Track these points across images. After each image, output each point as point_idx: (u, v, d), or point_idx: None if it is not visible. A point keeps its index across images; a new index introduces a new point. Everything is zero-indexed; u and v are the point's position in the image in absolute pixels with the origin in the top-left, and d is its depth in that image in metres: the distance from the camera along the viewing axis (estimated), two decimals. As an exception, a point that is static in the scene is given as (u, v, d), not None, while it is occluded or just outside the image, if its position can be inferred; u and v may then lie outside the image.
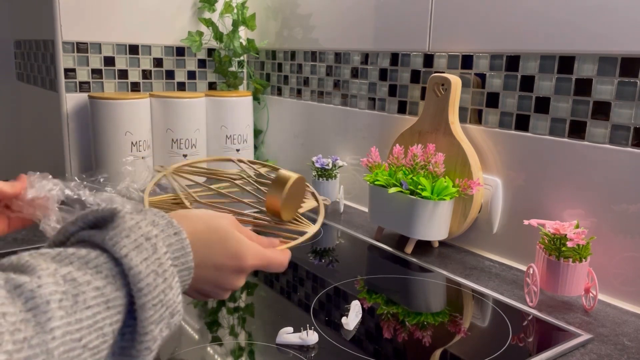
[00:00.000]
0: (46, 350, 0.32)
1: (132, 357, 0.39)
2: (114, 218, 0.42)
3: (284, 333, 0.65)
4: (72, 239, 0.42)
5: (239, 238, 0.52)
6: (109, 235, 0.39)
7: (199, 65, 1.49)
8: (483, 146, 0.96)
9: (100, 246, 0.39)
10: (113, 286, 0.38)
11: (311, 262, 0.91)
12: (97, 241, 0.40)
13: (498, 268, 0.91)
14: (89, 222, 0.42)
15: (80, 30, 1.29)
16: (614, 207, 0.79)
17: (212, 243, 0.50)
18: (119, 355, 0.39)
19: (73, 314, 0.34)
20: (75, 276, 0.36)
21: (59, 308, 0.34)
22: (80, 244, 0.41)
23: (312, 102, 1.36)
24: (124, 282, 0.38)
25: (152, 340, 0.39)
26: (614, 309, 0.77)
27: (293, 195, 0.68)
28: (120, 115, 1.25)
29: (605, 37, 0.78)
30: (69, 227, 0.42)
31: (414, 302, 0.81)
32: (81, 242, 0.41)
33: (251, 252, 0.53)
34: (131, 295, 0.39)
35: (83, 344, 0.35)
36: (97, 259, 0.38)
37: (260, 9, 1.49)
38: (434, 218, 0.91)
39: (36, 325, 0.32)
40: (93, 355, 0.36)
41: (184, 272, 0.45)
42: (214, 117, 1.39)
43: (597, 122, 0.80)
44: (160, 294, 0.40)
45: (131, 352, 0.39)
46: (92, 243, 0.40)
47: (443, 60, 1.02)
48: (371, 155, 1.01)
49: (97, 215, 0.42)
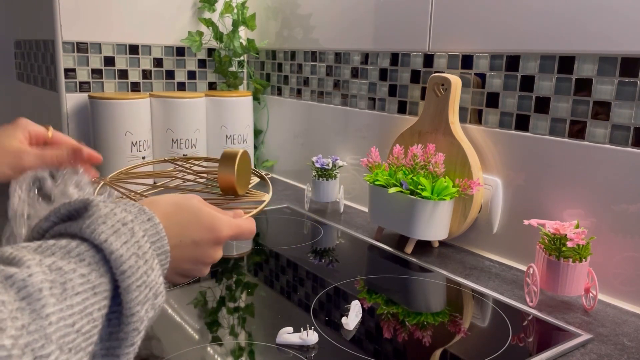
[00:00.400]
0: (44, 335, 0.33)
1: (121, 339, 0.39)
2: (88, 207, 0.42)
3: (284, 333, 0.65)
4: (47, 235, 0.42)
5: (210, 212, 0.55)
6: (85, 224, 0.40)
7: (199, 65, 1.49)
8: (483, 146, 0.96)
9: (79, 235, 0.40)
10: (97, 272, 0.38)
11: (311, 262, 0.91)
12: (74, 231, 0.40)
13: (498, 268, 0.91)
14: (62, 215, 0.43)
15: (80, 30, 1.29)
16: (614, 207, 0.79)
17: (186, 222, 0.52)
18: (106, 340, 0.39)
19: (64, 300, 0.35)
20: (60, 265, 0.36)
21: (51, 295, 0.34)
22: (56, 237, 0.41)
23: (312, 102, 1.36)
24: (107, 268, 0.39)
25: (139, 321, 0.40)
26: (614, 309, 0.77)
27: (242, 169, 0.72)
28: (120, 115, 1.25)
29: (605, 37, 0.78)
30: (43, 224, 0.43)
31: (414, 302, 0.81)
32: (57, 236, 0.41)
33: (225, 223, 0.56)
34: (115, 280, 0.39)
35: (76, 329, 0.35)
36: (78, 247, 0.39)
37: (260, 9, 1.49)
38: (434, 218, 0.91)
39: (32, 313, 0.33)
40: (86, 340, 0.36)
41: (161, 256, 0.46)
42: (214, 117, 1.39)
43: (597, 122, 0.80)
44: (143, 275, 0.41)
45: (119, 336, 0.39)
46: (70, 234, 0.40)
47: (443, 60, 1.02)
48: (371, 155, 1.01)
49: (70, 207, 0.42)
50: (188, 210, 0.53)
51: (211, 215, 0.55)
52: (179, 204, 0.53)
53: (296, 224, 1.11)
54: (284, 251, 0.95)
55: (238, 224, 0.58)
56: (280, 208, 1.20)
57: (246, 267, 0.90)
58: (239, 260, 0.93)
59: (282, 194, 1.32)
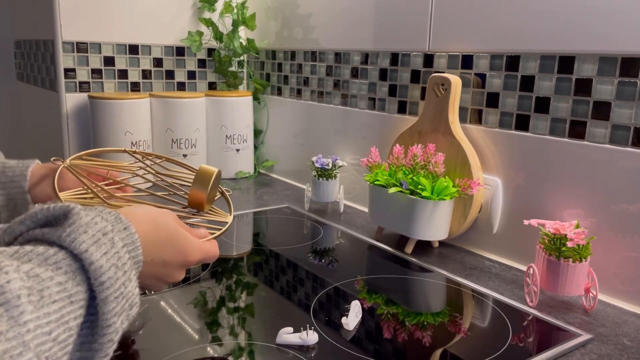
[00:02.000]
0: (22, 342, 0.33)
1: (94, 350, 0.39)
2: (68, 215, 0.42)
3: (284, 333, 0.65)
4: (20, 239, 0.42)
5: (185, 235, 0.56)
6: (66, 232, 0.40)
7: (199, 65, 1.49)
8: (483, 146, 0.96)
9: (57, 243, 0.40)
10: (74, 281, 0.38)
11: (311, 262, 0.91)
12: (52, 239, 0.40)
13: (498, 268, 0.91)
14: (39, 221, 0.42)
15: (80, 30, 1.29)
16: (614, 207, 0.79)
17: (161, 242, 0.53)
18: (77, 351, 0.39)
19: (41, 308, 0.35)
20: (38, 272, 0.36)
21: (29, 302, 0.34)
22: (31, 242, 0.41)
23: (312, 102, 1.36)
24: (84, 277, 0.39)
25: (114, 332, 0.40)
26: (614, 309, 0.77)
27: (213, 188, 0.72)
28: (120, 115, 1.25)
29: (605, 37, 0.78)
30: (17, 227, 0.42)
31: (414, 302, 0.81)
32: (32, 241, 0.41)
33: (196, 248, 0.57)
34: (92, 290, 0.39)
35: (53, 338, 0.35)
36: (55, 255, 0.39)
37: (260, 9, 1.49)
38: (434, 218, 0.91)
39: (9, 320, 0.32)
40: (62, 349, 0.36)
41: (135, 265, 0.47)
42: (214, 117, 1.39)
43: (597, 122, 0.80)
44: (120, 287, 0.41)
45: (92, 346, 0.39)
46: (47, 241, 0.40)
47: (443, 60, 1.02)
48: (371, 155, 1.01)
49: (48, 214, 0.42)
50: (165, 230, 0.54)
51: (185, 239, 0.56)
52: (157, 222, 0.53)
53: (296, 224, 1.11)
54: (284, 251, 0.95)
55: (206, 248, 0.59)
56: (280, 208, 1.20)
57: (246, 267, 0.90)
58: (239, 260, 0.93)
59: (282, 194, 1.32)
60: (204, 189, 0.70)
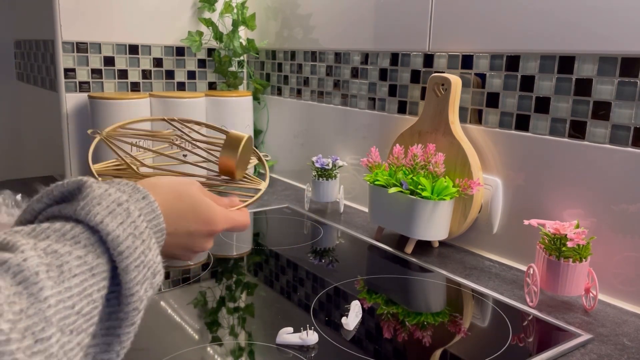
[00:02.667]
0: (44, 318, 0.33)
1: (121, 319, 0.39)
2: (82, 189, 0.41)
3: (284, 333, 0.65)
4: (40, 217, 0.41)
5: (208, 204, 0.55)
6: (80, 206, 0.39)
7: (199, 65, 1.49)
8: (483, 146, 0.96)
9: (73, 218, 0.39)
10: (94, 254, 0.38)
11: (311, 262, 0.91)
12: (68, 213, 0.40)
13: (498, 268, 0.91)
14: (55, 197, 0.42)
15: (80, 30, 1.29)
16: (614, 207, 0.79)
17: (184, 212, 0.52)
18: (106, 320, 0.39)
19: (61, 282, 0.35)
20: (56, 248, 0.36)
21: (48, 278, 0.34)
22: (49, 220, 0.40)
23: (312, 102, 1.36)
24: (104, 249, 0.39)
25: (139, 301, 0.40)
26: (614, 309, 0.77)
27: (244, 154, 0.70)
28: (120, 115, 1.25)
29: (605, 37, 0.78)
30: (35, 205, 0.42)
31: (414, 302, 0.81)
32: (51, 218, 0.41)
33: (221, 217, 0.56)
34: (113, 261, 0.39)
35: (77, 311, 0.35)
36: (72, 230, 0.38)
37: (260, 9, 1.49)
38: (434, 218, 0.91)
39: (29, 297, 0.33)
40: (87, 321, 0.36)
41: (158, 234, 0.46)
42: (214, 117, 1.39)
43: (597, 122, 0.80)
44: (140, 255, 0.41)
45: (119, 315, 0.39)
46: (64, 216, 0.40)
47: (443, 60, 1.02)
48: (371, 155, 1.01)
49: (63, 189, 0.42)
50: (187, 200, 0.53)
51: (209, 208, 0.55)
52: (178, 192, 0.53)
53: (296, 224, 1.11)
54: (284, 251, 0.95)
55: (233, 217, 0.58)
56: (280, 208, 1.20)
57: (246, 267, 0.90)
58: (239, 260, 0.93)
59: (282, 194, 1.32)
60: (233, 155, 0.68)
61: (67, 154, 1.33)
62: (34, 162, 1.64)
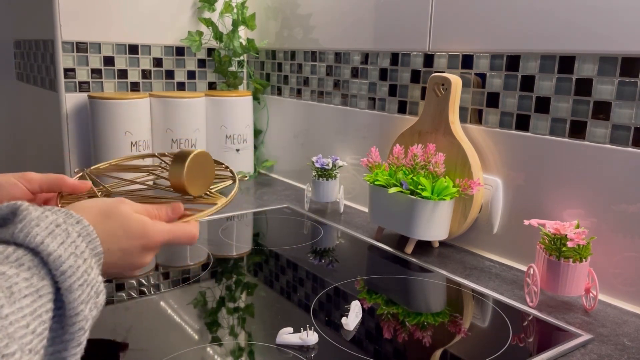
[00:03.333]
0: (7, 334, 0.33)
1: (66, 341, 0.39)
2: (17, 212, 0.41)
3: (283, 333, 0.65)
4: None
5: (138, 219, 0.55)
6: (17, 228, 0.39)
7: (198, 65, 1.49)
8: (483, 146, 0.96)
9: (11, 242, 0.39)
10: (38, 276, 0.38)
11: (311, 262, 0.91)
12: (5, 238, 0.39)
13: (498, 268, 0.91)
14: None
15: (80, 30, 1.29)
16: (614, 207, 0.79)
17: (114, 229, 0.52)
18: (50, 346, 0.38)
19: (14, 303, 0.35)
20: (3, 270, 0.36)
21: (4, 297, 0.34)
22: None
23: (312, 102, 1.36)
24: (46, 270, 0.39)
25: (84, 320, 0.40)
26: (614, 309, 0.77)
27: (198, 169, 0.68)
28: (120, 115, 1.25)
29: (605, 37, 0.78)
30: None
31: (414, 302, 0.81)
32: None
33: (154, 230, 0.56)
34: (56, 282, 0.39)
35: (32, 330, 0.35)
36: (15, 252, 0.38)
37: (260, 9, 1.49)
38: (434, 218, 0.91)
39: None
40: (40, 341, 0.36)
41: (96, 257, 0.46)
42: (214, 117, 1.39)
43: (598, 122, 0.80)
44: (83, 274, 0.41)
45: (63, 338, 0.39)
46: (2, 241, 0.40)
47: (443, 60, 1.02)
48: (371, 155, 1.01)
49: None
50: (116, 218, 0.53)
51: (139, 222, 0.54)
52: (106, 211, 0.53)
53: (296, 224, 1.11)
54: (283, 251, 0.95)
55: (171, 229, 0.57)
56: (280, 208, 1.20)
57: (246, 267, 0.90)
58: (239, 260, 0.93)
59: (282, 194, 1.32)
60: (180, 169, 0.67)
61: (66, 154, 1.33)
62: (33, 162, 1.64)
